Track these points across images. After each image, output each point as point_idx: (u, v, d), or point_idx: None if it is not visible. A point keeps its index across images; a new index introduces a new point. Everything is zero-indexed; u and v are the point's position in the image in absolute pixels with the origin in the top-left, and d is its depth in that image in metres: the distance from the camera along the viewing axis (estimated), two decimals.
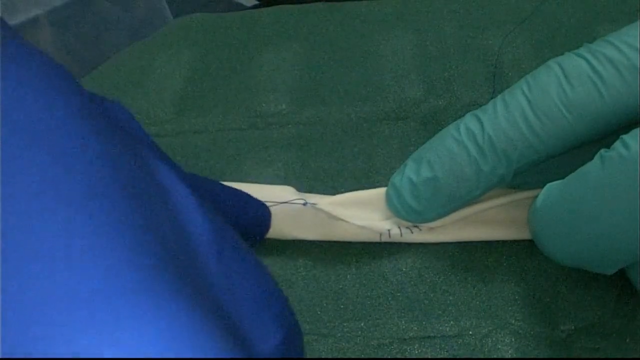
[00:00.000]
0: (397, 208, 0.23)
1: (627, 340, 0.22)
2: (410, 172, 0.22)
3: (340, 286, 0.23)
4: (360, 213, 0.23)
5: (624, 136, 0.18)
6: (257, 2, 0.46)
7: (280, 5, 0.35)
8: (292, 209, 0.23)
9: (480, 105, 0.28)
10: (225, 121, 0.29)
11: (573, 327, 0.22)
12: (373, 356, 0.22)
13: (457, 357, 0.21)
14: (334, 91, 0.30)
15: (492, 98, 0.28)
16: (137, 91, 0.31)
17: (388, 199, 0.23)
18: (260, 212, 0.23)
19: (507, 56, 0.30)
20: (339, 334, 0.22)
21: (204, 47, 0.33)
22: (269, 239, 0.24)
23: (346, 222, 0.23)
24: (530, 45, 0.30)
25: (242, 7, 0.46)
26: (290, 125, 0.29)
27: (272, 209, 0.23)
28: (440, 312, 0.22)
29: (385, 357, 0.22)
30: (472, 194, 0.21)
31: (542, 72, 0.21)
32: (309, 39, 0.32)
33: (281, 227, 0.23)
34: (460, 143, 0.21)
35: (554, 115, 0.20)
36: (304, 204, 0.23)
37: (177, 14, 0.42)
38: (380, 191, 0.24)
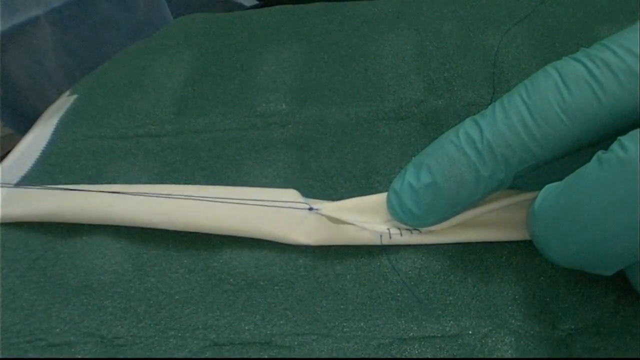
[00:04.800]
0: (398, 213, 0.23)
1: (627, 340, 0.22)
2: (410, 177, 0.22)
3: (340, 286, 0.23)
4: (360, 217, 0.23)
5: (621, 138, 0.18)
6: (257, 2, 0.46)
7: (280, 5, 0.35)
8: (295, 214, 0.23)
9: (480, 105, 0.28)
10: (225, 121, 0.29)
11: (573, 327, 0.22)
12: (373, 356, 0.22)
13: (457, 357, 0.21)
14: (334, 91, 0.30)
15: (492, 98, 0.28)
16: (137, 91, 0.31)
17: (389, 204, 0.23)
18: None
19: (506, 56, 0.30)
20: (339, 334, 0.22)
21: (204, 47, 0.33)
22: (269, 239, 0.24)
23: (347, 224, 0.23)
24: (529, 45, 0.30)
25: (242, 7, 0.46)
26: (290, 125, 0.29)
27: (275, 212, 0.23)
28: (440, 312, 0.22)
29: (385, 357, 0.22)
30: (471, 198, 0.21)
31: (540, 77, 0.21)
32: (309, 39, 0.32)
33: (284, 231, 0.23)
34: (459, 148, 0.21)
35: (552, 120, 0.20)
36: (309, 209, 0.23)
37: (177, 14, 0.42)
38: (381, 196, 0.24)
